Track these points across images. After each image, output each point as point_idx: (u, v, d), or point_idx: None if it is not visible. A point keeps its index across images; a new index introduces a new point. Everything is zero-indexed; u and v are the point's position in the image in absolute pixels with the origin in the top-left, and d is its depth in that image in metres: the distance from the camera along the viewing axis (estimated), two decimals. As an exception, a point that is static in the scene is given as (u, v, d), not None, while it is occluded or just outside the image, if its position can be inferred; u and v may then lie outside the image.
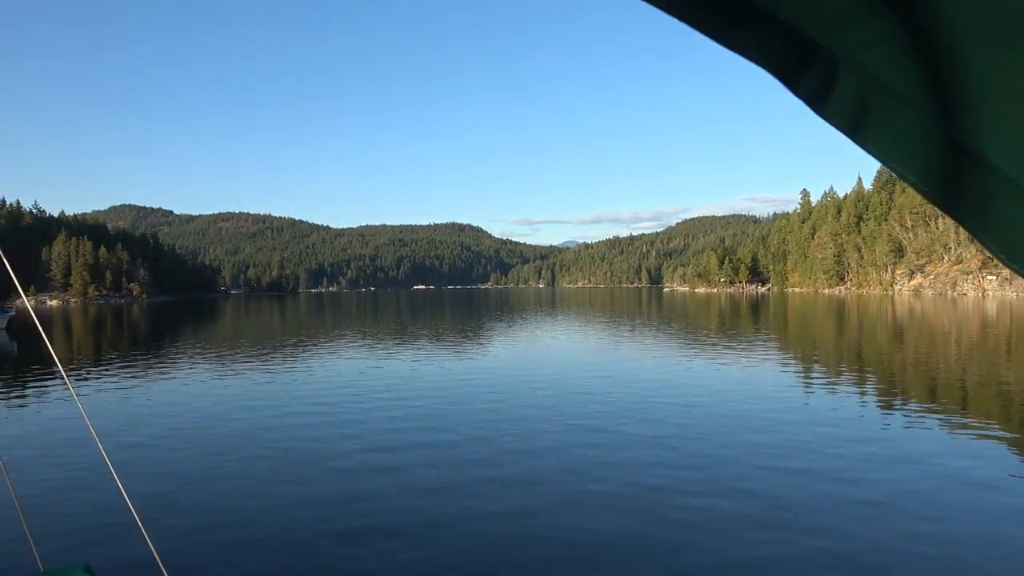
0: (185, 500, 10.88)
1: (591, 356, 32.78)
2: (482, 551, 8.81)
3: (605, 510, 10.11)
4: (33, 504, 10.66)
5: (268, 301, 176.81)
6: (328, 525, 9.72)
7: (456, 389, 22.08)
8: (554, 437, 14.78)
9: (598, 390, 21.28)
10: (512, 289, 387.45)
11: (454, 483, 11.55)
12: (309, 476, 12.25)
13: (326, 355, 34.33)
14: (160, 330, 63.59)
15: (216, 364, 30.98)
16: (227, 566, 8.50)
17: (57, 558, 8.54)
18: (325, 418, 17.50)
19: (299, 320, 79.38)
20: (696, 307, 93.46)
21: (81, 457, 13.85)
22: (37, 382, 25.14)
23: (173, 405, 20.04)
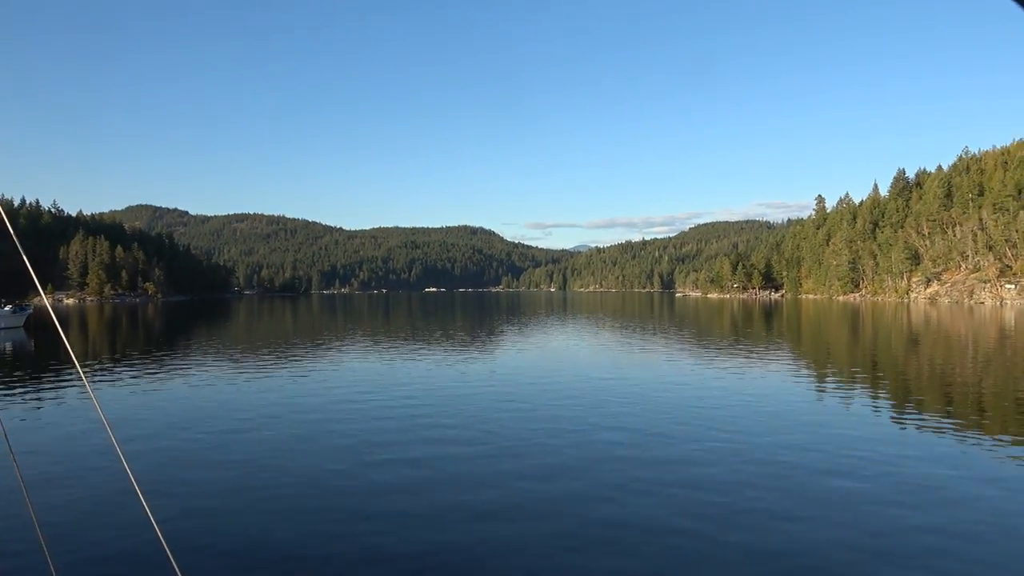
0: (201, 500, 10.95)
1: (602, 360, 32.71)
2: (491, 549, 8.82)
3: (616, 507, 10.11)
4: (46, 503, 10.78)
5: (281, 302, 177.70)
6: (346, 531, 9.77)
7: (468, 391, 22.11)
8: (561, 438, 14.78)
9: (609, 394, 21.24)
10: (523, 293, 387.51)
11: (470, 483, 11.59)
12: (330, 479, 12.31)
13: (339, 356, 34.45)
14: (175, 330, 64.04)
15: (230, 364, 31.17)
16: (238, 561, 8.56)
17: (68, 558, 8.62)
18: (340, 421, 17.57)
19: (312, 321, 79.73)
20: (709, 313, 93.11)
21: (95, 454, 13.98)
22: (53, 378, 25.41)
23: (187, 405, 20.19)
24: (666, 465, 12.85)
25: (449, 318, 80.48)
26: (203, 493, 11.27)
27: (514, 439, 15.07)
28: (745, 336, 48.01)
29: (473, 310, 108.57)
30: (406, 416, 17.87)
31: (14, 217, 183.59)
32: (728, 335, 49.33)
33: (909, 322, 65.03)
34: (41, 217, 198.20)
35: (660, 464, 12.92)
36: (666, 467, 12.71)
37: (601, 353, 36.24)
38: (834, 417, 17.73)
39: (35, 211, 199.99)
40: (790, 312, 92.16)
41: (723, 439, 14.88)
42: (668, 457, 13.44)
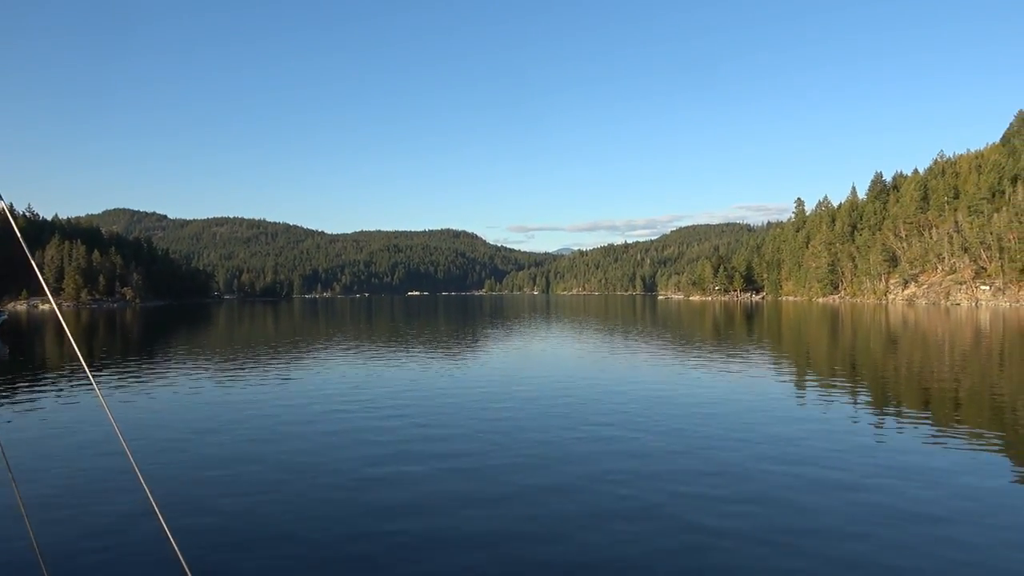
0: (194, 503, 10.85)
1: (584, 364, 32.78)
2: (498, 563, 8.81)
3: (604, 510, 10.13)
4: (40, 506, 10.60)
5: (262, 306, 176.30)
6: (339, 526, 9.72)
7: (452, 395, 22.08)
8: (548, 441, 14.82)
9: (591, 398, 21.31)
10: (506, 296, 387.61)
11: (464, 487, 11.58)
12: (317, 478, 12.24)
13: (321, 360, 34.24)
14: (153, 335, 63.35)
15: (209, 369, 30.89)
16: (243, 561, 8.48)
17: (64, 565, 8.50)
18: (322, 424, 17.49)
19: (294, 326, 79.19)
20: (691, 315, 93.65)
21: (92, 458, 13.80)
22: (31, 386, 25.04)
23: (171, 412, 19.98)
24: (654, 479, 12.89)
25: (432, 322, 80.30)
26: (205, 496, 11.16)
27: (506, 444, 15.06)
28: (727, 338, 48.33)
29: (457, 313, 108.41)
30: (394, 421, 17.80)
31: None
32: (710, 337, 49.64)
33: (887, 323, 65.81)
34: (15, 221, 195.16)
35: (640, 470, 12.96)
36: (655, 480, 12.76)
37: (585, 356, 36.31)
38: (812, 420, 17.89)
39: (11, 215, 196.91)
40: (771, 314, 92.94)
41: (700, 439, 14.98)
42: (655, 467, 13.48)
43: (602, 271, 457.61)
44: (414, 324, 74.85)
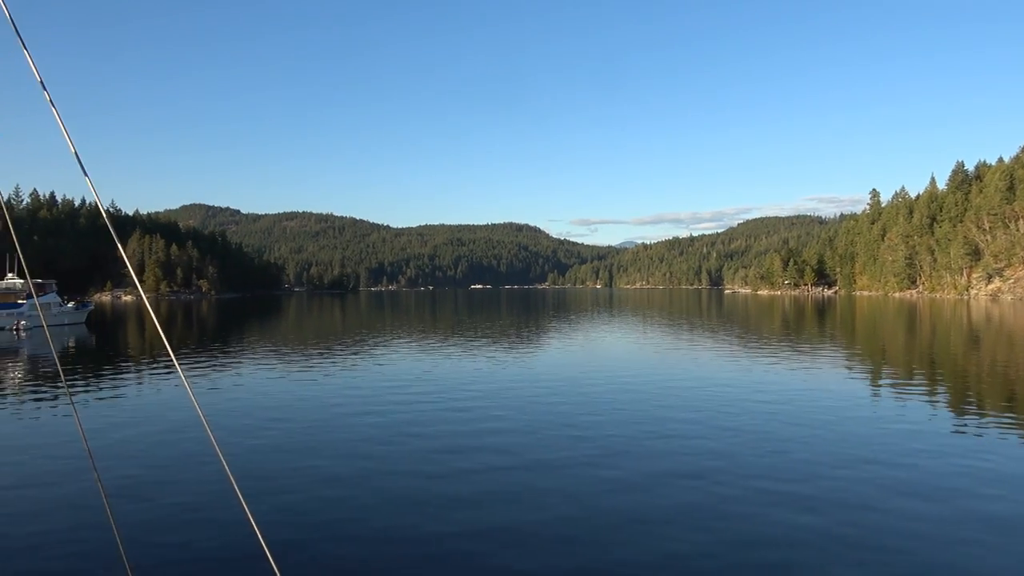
0: (273, 490, 11.15)
1: (650, 359, 32.39)
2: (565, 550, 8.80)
3: (670, 505, 9.98)
4: (121, 488, 11.08)
5: (330, 299, 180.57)
6: (423, 517, 9.86)
7: (519, 388, 22.12)
8: (611, 435, 14.68)
9: (657, 392, 21.03)
10: (569, 289, 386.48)
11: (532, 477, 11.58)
12: (405, 467, 12.43)
13: (388, 352, 34.80)
14: (229, 326, 65.58)
15: (284, 360, 31.78)
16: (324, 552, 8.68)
17: (144, 552, 8.85)
18: (393, 415, 17.76)
19: (360, 318, 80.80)
20: (759, 310, 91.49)
21: (173, 444, 14.38)
22: (115, 372, 26.28)
23: (247, 398, 20.62)
24: (720, 474, 12.63)
25: (495, 315, 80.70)
26: (289, 488, 11.46)
27: (578, 440, 15.00)
28: (798, 334, 47.02)
29: (519, 307, 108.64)
30: (465, 414, 17.94)
31: (74, 217, 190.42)
32: (779, 333, 48.38)
33: (969, 320, 62.82)
34: (100, 217, 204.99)
35: (704, 468, 12.71)
36: (720, 476, 12.50)
37: (650, 351, 35.88)
38: (888, 421, 17.22)
39: (94, 211, 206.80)
40: (844, 309, 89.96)
41: (769, 436, 14.59)
42: (723, 463, 13.22)
43: (666, 265, 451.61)
44: (477, 317, 75.36)
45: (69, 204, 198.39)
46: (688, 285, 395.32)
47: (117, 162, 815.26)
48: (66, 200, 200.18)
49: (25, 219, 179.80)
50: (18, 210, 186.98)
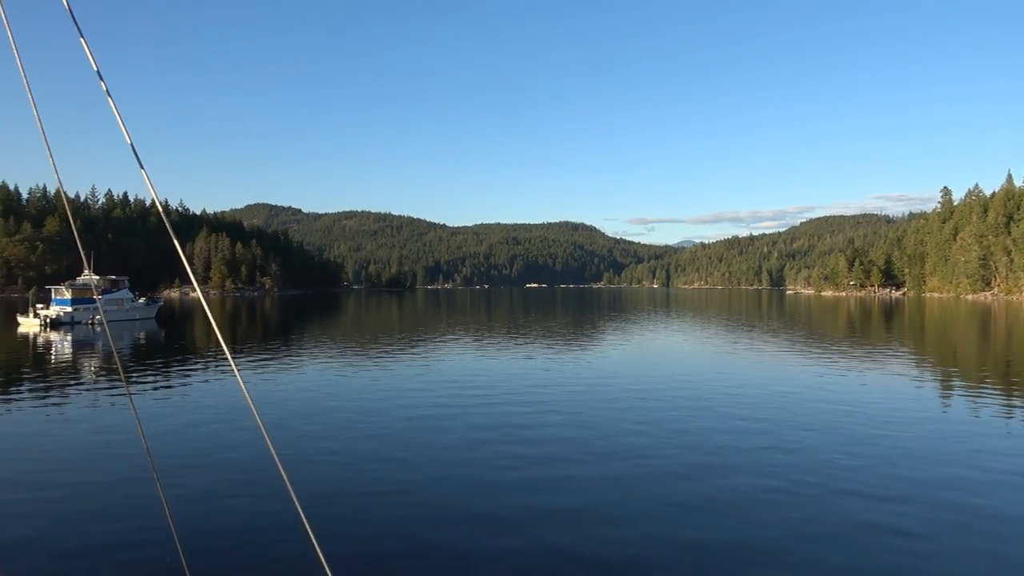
0: (333, 495, 11.29)
1: (711, 360, 31.79)
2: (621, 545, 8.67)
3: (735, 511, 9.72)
4: (175, 486, 11.40)
5: (388, 296, 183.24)
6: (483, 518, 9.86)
7: (582, 388, 21.96)
8: (674, 437, 14.41)
9: (720, 394, 20.59)
10: (625, 289, 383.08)
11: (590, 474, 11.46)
12: (461, 475, 12.47)
13: (447, 350, 35.03)
14: (291, 322, 67.12)
15: (346, 356, 32.32)
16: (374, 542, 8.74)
17: (196, 544, 9.06)
18: (462, 417, 17.82)
19: (416, 315, 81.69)
20: (823, 311, 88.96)
21: (233, 444, 14.73)
22: (182, 368, 27.14)
23: (309, 394, 21.01)
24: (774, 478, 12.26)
25: (551, 314, 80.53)
26: (337, 480, 11.63)
27: (630, 441, 14.80)
28: (864, 337, 45.51)
29: (575, 306, 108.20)
30: (533, 418, 17.90)
31: (145, 216, 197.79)
32: (844, 335, 46.93)
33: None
34: (169, 215, 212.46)
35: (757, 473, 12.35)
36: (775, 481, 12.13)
37: (710, 352, 35.25)
38: (961, 433, 16.46)
39: (164, 210, 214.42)
40: (912, 312, 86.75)
41: (836, 439, 14.09)
42: (793, 461, 12.83)
43: (725, 264, 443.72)
44: (533, 316, 75.33)
45: (141, 204, 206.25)
46: (747, 285, 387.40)
47: (185, 163, 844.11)
48: (138, 200, 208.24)
49: (100, 218, 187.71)
50: (94, 210, 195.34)
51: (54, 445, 14.43)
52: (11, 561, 8.16)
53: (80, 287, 61.85)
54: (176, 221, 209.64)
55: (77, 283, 63.31)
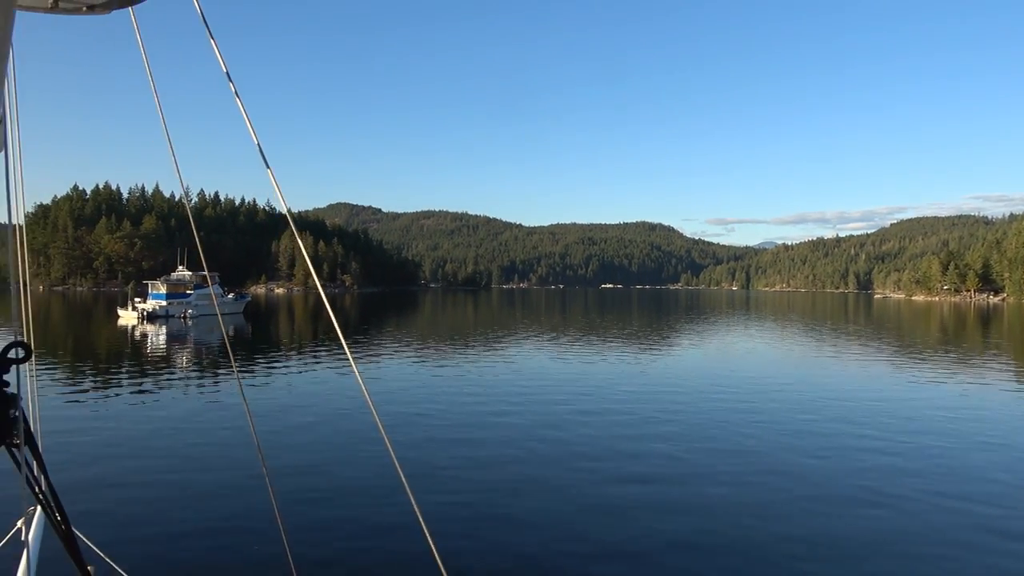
0: (444, 488, 11.44)
1: (793, 366, 30.80)
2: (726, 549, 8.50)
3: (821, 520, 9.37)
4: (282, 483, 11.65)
5: (463, 295, 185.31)
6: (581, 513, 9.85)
7: (655, 391, 21.65)
8: (755, 444, 14.00)
9: (796, 407, 19.91)
10: (703, 291, 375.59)
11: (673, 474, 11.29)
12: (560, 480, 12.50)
13: (524, 349, 35.12)
14: (371, 318, 68.61)
15: (429, 352, 32.80)
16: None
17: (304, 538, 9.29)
18: (556, 415, 17.82)
19: (492, 315, 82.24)
20: (914, 317, 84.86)
21: (336, 431, 15.13)
22: (267, 359, 28.14)
23: (413, 389, 21.37)
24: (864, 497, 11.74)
25: (627, 316, 79.67)
26: (452, 479, 11.58)
27: (751, 447, 14.49)
28: (959, 345, 43.17)
29: (652, 308, 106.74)
30: (627, 417, 17.78)
31: (235, 214, 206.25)
32: (938, 343, 44.62)
33: None
34: (257, 214, 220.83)
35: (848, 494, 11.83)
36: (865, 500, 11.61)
37: (796, 359, 34.16)
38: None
39: (252, 209, 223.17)
40: (1013, 319, 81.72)
41: (933, 450, 13.38)
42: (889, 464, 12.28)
43: (809, 266, 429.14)
44: (609, 318, 74.71)
45: (231, 203, 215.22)
46: (833, 288, 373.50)
47: (274, 164, 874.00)
48: (228, 199, 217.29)
49: (193, 216, 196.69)
50: (188, 209, 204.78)
51: (170, 433, 15.08)
52: (126, 544, 8.32)
53: (174, 282, 64.97)
54: (264, 220, 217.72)
55: (171, 279, 66.54)
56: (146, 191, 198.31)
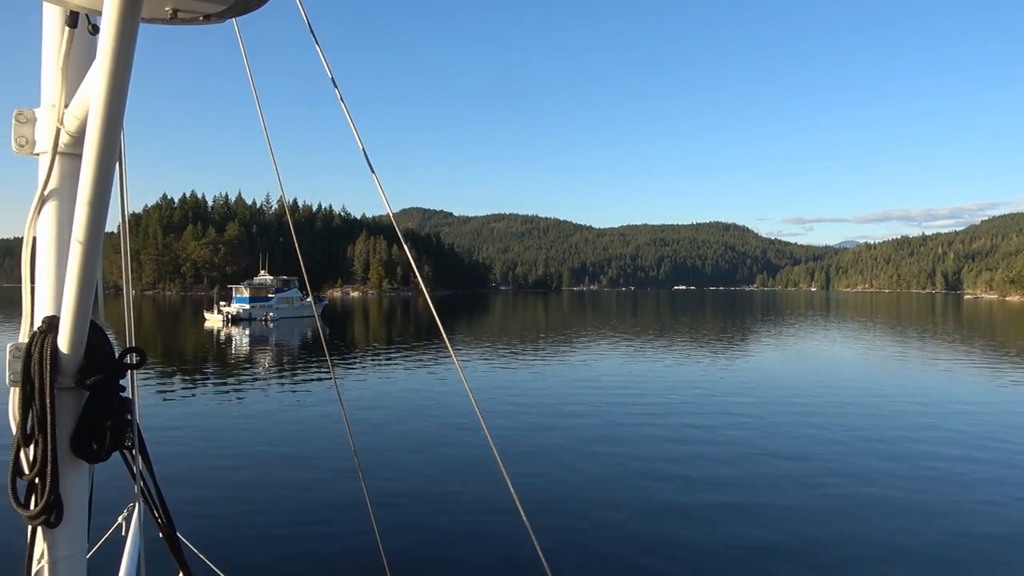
0: (550, 500, 11.61)
1: (879, 375, 29.70)
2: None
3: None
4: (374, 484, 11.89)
5: (534, 297, 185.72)
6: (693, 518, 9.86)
7: (732, 397, 21.28)
8: (839, 455, 13.61)
9: (885, 417, 19.21)
10: (780, 292, 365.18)
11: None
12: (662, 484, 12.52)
13: (591, 351, 35.00)
14: (446, 320, 69.17)
15: (506, 353, 33.07)
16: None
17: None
18: (644, 423, 17.79)
19: (563, 317, 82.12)
20: (1008, 319, 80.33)
21: (429, 429, 15.54)
22: (344, 361, 28.92)
23: (521, 393, 21.60)
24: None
25: (700, 319, 78.27)
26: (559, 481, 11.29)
27: (786, 450, 14.19)
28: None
29: (726, 310, 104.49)
30: (720, 420, 17.63)
31: (312, 220, 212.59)
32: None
33: None
34: (333, 220, 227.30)
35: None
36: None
37: (885, 366, 32.94)
38: None
39: (329, 215, 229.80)
40: (1121, 321, 76.36)
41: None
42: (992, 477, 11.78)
43: (893, 266, 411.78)
44: (682, 321, 73.55)
45: (308, 209, 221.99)
46: (919, 289, 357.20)
47: (345, 169, 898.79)
48: (305, 205, 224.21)
49: (273, 223, 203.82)
50: (268, 215, 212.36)
51: (262, 432, 15.65)
52: (221, 544, 8.57)
53: (257, 286, 67.47)
54: (339, 225, 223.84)
55: (254, 283, 69.09)
56: (229, 199, 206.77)
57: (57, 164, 1.66)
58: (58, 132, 1.64)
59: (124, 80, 1.00)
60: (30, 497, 1.53)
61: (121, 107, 1.04)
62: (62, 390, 1.53)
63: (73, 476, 1.59)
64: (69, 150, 1.67)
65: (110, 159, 1.11)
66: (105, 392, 1.57)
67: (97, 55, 1.00)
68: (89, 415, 1.57)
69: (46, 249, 1.64)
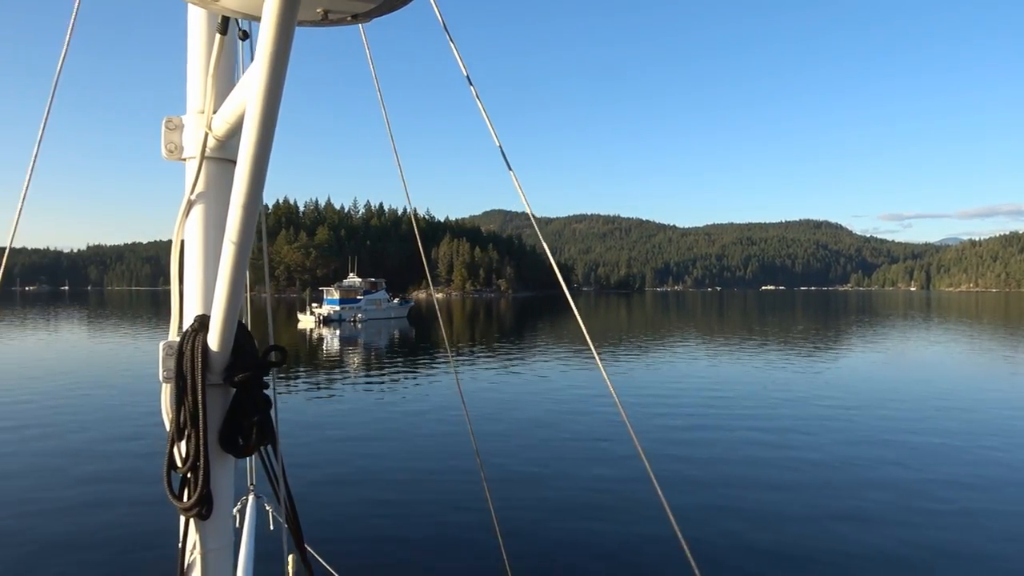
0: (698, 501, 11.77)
1: (985, 382, 28.12)
2: None
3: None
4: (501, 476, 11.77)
5: (616, 298, 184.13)
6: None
7: (821, 405, 20.64)
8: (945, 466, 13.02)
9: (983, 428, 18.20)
10: (876, 292, 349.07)
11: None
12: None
13: (683, 356, 34.48)
14: (526, 322, 69.78)
15: (579, 356, 33.05)
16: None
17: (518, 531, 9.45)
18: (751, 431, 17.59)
19: (646, 321, 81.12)
20: None
21: (544, 430, 15.66)
22: (428, 362, 29.51)
23: (567, 393, 21.73)
24: None
25: (790, 321, 75.78)
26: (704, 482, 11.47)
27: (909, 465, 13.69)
28: None
29: (819, 312, 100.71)
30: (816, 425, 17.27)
31: (397, 223, 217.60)
32: None
33: None
34: (418, 223, 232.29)
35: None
36: None
37: (981, 372, 31.19)
38: None
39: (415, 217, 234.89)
40: None
41: None
42: None
43: (1001, 264, 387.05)
44: (770, 327, 71.38)
45: (394, 213, 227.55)
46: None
47: (434, 175, 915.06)
48: (391, 209, 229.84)
49: (360, 227, 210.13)
50: (355, 219, 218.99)
51: (374, 430, 16.02)
52: (336, 542, 8.62)
53: (346, 288, 69.69)
54: (423, 228, 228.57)
55: (343, 285, 71.40)
56: (319, 204, 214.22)
57: (204, 169, 1.70)
58: (206, 137, 1.68)
59: (280, 84, 1.03)
60: (183, 490, 1.58)
61: (276, 111, 1.07)
62: (212, 387, 1.58)
63: (221, 470, 1.64)
64: (216, 155, 1.70)
65: (264, 163, 1.14)
66: (251, 389, 1.63)
67: (255, 59, 1.03)
68: (236, 411, 1.62)
69: (194, 251, 1.69)
